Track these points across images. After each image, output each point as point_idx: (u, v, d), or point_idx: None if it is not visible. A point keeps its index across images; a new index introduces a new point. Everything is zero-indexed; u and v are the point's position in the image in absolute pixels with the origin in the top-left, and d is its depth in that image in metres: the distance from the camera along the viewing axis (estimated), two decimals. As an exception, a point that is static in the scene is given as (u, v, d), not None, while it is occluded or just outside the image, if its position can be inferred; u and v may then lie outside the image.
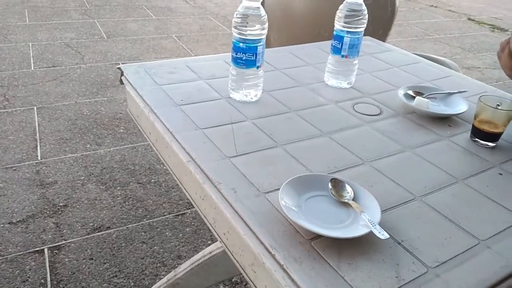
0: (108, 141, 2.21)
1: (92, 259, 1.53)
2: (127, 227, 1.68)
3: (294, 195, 0.68)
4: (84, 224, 1.68)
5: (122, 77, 1.06)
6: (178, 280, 1.21)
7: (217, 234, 0.71)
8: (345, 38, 1.06)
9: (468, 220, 0.68)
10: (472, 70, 3.63)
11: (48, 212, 1.72)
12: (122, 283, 1.45)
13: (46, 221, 1.67)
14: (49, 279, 1.44)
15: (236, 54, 0.94)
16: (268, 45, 1.05)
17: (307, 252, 0.59)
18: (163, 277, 1.32)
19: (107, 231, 1.65)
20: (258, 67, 0.96)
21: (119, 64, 1.18)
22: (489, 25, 5.09)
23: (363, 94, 1.10)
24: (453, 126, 0.98)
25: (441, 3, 5.92)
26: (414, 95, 1.05)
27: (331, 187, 0.70)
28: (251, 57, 0.94)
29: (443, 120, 1.00)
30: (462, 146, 0.90)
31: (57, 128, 2.27)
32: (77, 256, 1.53)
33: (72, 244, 1.58)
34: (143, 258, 1.56)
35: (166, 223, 1.72)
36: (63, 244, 1.58)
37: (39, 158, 2.02)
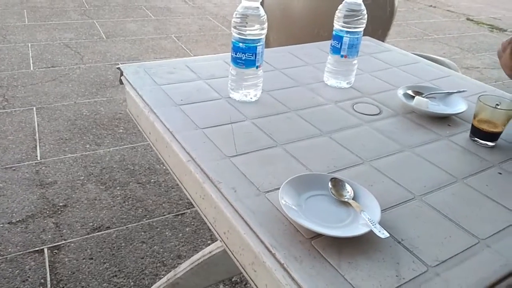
0: (108, 141, 2.21)
1: (92, 259, 1.53)
2: (127, 227, 1.68)
3: (294, 195, 0.68)
4: (84, 224, 1.68)
5: (122, 77, 1.06)
6: (178, 280, 1.21)
7: (217, 234, 0.71)
8: (345, 38, 1.06)
9: (468, 219, 0.68)
10: (471, 70, 3.64)
11: (48, 212, 1.71)
12: (122, 283, 1.45)
13: (46, 221, 1.67)
14: (49, 279, 1.44)
15: (236, 54, 0.94)
16: (268, 45, 1.05)
17: (307, 251, 0.59)
18: (163, 277, 1.32)
19: (107, 231, 1.65)
20: (258, 67, 0.96)
21: (119, 64, 1.18)
22: (488, 25, 5.10)
23: (363, 94, 1.10)
24: (453, 126, 0.98)
25: (440, 3, 5.92)
26: (414, 95, 1.05)
27: (331, 187, 0.70)
28: (251, 57, 0.94)
29: (443, 120, 1.00)
30: (462, 146, 0.90)
31: (57, 128, 2.27)
32: (77, 256, 1.53)
33: (72, 244, 1.58)
34: (143, 258, 1.56)
35: (166, 223, 1.72)
36: (63, 244, 1.58)
37: (39, 158, 2.02)
